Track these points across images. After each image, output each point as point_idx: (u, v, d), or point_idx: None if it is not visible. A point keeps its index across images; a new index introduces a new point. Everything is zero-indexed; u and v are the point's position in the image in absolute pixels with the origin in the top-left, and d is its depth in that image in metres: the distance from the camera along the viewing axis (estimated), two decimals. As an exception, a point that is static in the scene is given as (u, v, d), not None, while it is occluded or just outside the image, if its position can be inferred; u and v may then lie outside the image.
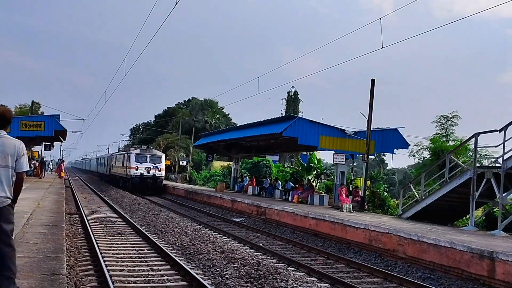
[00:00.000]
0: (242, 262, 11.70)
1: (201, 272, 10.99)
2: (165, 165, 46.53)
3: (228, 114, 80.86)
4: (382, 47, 17.49)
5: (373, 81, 23.79)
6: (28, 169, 5.64)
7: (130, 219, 19.88)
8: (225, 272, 10.83)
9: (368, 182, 27.80)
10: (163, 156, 45.15)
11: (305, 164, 37.86)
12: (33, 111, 46.53)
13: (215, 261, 12.05)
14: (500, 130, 15.33)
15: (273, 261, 12.86)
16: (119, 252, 13.07)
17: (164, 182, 44.57)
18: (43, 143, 45.79)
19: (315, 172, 37.73)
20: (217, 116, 74.06)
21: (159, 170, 42.37)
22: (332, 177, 34.11)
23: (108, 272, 9.99)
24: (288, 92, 70.30)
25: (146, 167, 41.23)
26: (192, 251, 13.56)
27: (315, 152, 39.45)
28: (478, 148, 17.52)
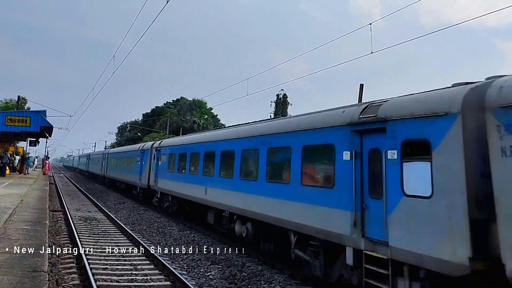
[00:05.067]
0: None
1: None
2: None
3: (217, 115, 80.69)
4: (372, 52, 17.62)
5: (361, 86, 23.94)
6: None
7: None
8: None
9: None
10: None
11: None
12: (19, 106, 45.96)
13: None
14: None
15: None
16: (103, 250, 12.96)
17: None
18: (28, 139, 45.24)
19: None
20: (206, 116, 73.84)
21: None
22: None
23: (91, 270, 9.90)
24: (277, 95, 70.43)
25: None
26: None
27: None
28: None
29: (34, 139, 43.65)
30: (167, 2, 14.13)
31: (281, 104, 70.51)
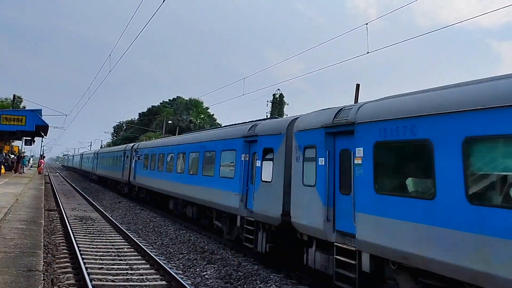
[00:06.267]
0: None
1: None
2: None
3: (213, 115, 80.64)
4: (368, 52, 17.65)
5: (357, 86, 23.97)
6: None
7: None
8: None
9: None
10: None
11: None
12: (15, 105, 45.75)
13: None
14: None
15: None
16: (98, 250, 12.93)
17: None
18: (24, 138, 45.05)
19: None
20: (202, 116, 73.78)
21: None
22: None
23: (87, 269, 9.88)
24: (274, 95, 70.42)
25: None
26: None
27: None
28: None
29: (30, 138, 43.47)
30: (163, 1, 14.11)
31: (278, 104, 70.52)
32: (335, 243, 8.82)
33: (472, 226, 5.97)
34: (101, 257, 11.88)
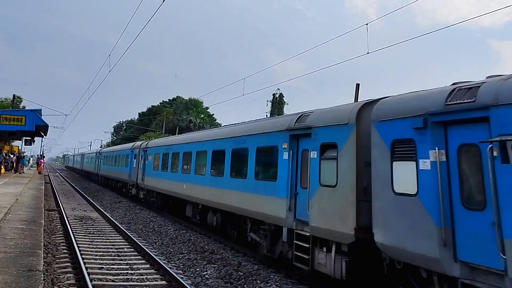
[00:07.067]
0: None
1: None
2: None
3: (213, 114, 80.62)
4: (368, 53, 17.64)
5: (357, 85, 23.95)
6: None
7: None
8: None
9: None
10: None
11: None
12: (14, 105, 45.73)
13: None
14: None
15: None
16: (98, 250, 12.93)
17: None
18: (24, 138, 45.02)
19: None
20: (202, 116, 73.77)
21: None
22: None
23: (87, 269, 9.88)
24: (274, 94, 70.42)
25: None
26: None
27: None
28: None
29: (30, 138, 43.45)
30: (163, 1, 14.10)
31: (277, 104, 70.51)
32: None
33: None
34: (101, 257, 11.88)
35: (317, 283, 10.13)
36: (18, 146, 55.65)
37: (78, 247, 12.31)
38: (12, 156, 45.64)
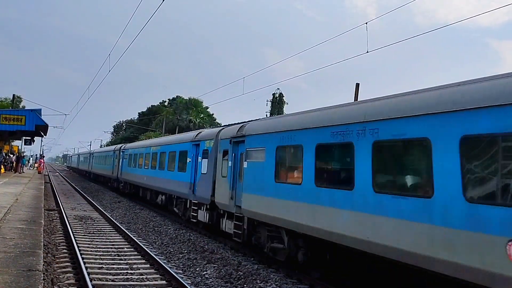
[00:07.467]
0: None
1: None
2: None
3: (213, 114, 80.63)
4: (368, 52, 17.64)
5: (357, 85, 23.96)
6: None
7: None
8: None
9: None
10: None
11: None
12: (14, 105, 45.71)
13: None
14: None
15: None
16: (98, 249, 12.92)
17: None
18: (24, 137, 45.03)
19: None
20: (202, 115, 73.78)
21: None
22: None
23: (86, 269, 9.87)
24: (273, 94, 70.40)
25: None
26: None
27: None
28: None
29: (29, 138, 43.44)
30: (163, 1, 14.10)
31: (277, 103, 70.48)
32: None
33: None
34: (101, 257, 11.87)
35: (317, 283, 10.13)
36: (18, 146, 55.63)
37: (78, 247, 12.30)
38: (11, 156, 45.64)
